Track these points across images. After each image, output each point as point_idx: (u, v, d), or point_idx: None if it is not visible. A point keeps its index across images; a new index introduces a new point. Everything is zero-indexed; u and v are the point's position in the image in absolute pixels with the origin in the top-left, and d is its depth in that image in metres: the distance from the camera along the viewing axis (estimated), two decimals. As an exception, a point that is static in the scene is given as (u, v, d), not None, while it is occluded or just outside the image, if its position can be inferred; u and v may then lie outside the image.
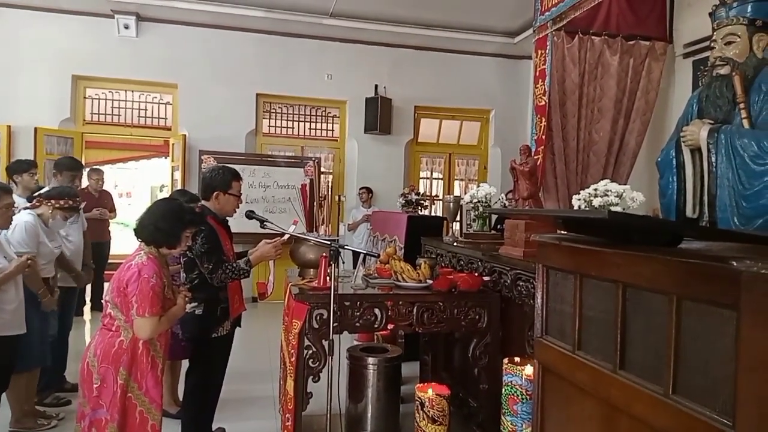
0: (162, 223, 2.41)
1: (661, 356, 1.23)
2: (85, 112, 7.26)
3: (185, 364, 3.16)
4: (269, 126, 7.86)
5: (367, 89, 7.74)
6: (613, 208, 2.64)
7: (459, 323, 2.90)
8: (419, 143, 8.39)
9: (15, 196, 3.28)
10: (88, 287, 6.03)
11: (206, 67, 7.30)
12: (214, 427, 3.24)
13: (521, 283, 2.80)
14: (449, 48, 7.99)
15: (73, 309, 4.26)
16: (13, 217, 3.08)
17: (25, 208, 3.42)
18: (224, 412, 3.40)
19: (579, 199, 2.83)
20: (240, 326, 3.24)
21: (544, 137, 5.85)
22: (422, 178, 8.58)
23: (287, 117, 7.91)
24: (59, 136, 6.90)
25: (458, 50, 8.03)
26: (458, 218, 4.34)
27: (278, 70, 7.52)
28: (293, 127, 7.95)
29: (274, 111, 7.85)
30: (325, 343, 2.59)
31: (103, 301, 2.42)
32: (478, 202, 3.96)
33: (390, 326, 2.86)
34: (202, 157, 6.96)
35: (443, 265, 3.71)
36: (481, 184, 4.09)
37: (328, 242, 2.77)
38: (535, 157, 5.32)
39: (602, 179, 2.96)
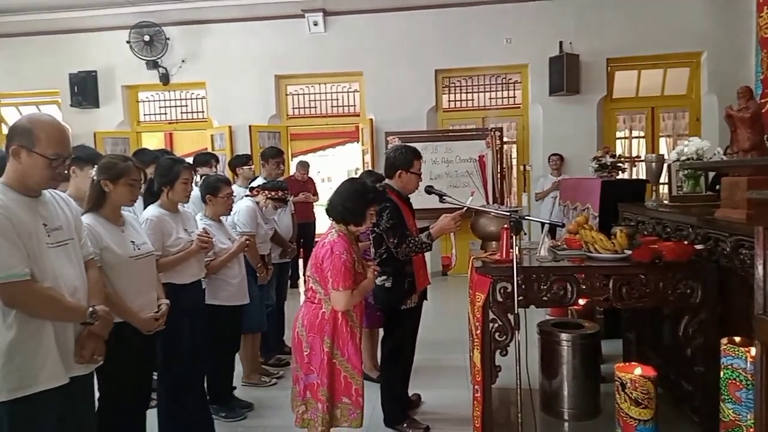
0: (348, 203, 2.55)
1: None
2: (287, 108, 8.09)
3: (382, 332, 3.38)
4: (449, 101, 7.87)
5: (550, 48, 7.25)
6: None
7: (665, 298, 2.57)
8: (614, 100, 7.61)
9: (235, 186, 3.83)
10: (300, 263, 6.77)
11: (387, 51, 7.56)
12: (410, 392, 3.41)
13: (744, 251, 2.37)
14: (644, -15, 7.05)
15: (287, 282, 4.83)
16: (234, 204, 3.57)
17: (246, 196, 3.96)
18: (419, 380, 3.55)
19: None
20: (426, 299, 3.33)
21: (773, 75, 4.85)
22: (619, 138, 7.80)
23: (466, 89, 7.82)
24: (269, 132, 7.82)
25: (655, -14, 7.04)
26: (664, 180, 3.85)
27: (455, 43, 7.44)
28: (473, 99, 7.84)
29: (453, 85, 7.82)
30: (511, 317, 2.52)
31: (305, 276, 2.65)
32: (687, 159, 3.45)
33: (582, 301, 2.66)
34: (388, 139, 7.26)
35: (645, 233, 3.32)
36: (690, 139, 3.54)
37: (509, 213, 2.66)
38: (762, 101, 4.44)
39: None
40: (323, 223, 7.84)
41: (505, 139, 7.44)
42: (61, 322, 1.85)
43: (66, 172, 2.13)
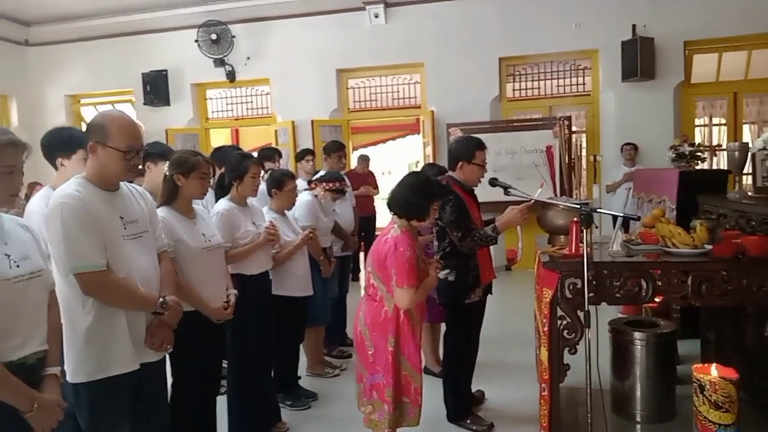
0: (412, 197, 2.50)
1: None
2: (348, 102, 8.15)
3: (444, 327, 3.34)
4: (513, 90, 7.67)
5: (622, 32, 6.89)
6: None
7: (750, 296, 2.40)
8: (692, 85, 7.15)
9: (298, 180, 3.90)
10: (361, 256, 6.83)
11: (448, 41, 7.44)
12: (473, 389, 3.36)
13: None
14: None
15: (349, 275, 4.88)
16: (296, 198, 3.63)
17: (305, 190, 4.02)
18: (483, 376, 3.49)
19: None
20: (491, 293, 3.26)
21: None
22: (698, 126, 7.35)
23: (532, 77, 7.59)
24: (330, 126, 7.91)
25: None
26: (748, 170, 3.57)
27: (520, 30, 7.23)
28: (539, 87, 7.60)
29: (517, 73, 7.62)
30: (581, 314, 2.42)
31: (366, 270, 2.64)
32: (776, 147, 3.18)
33: (658, 298, 2.53)
34: (449, 130, 7.17)
35: (727, 227, 3.11)
36: (779, 125, 3.27)
37: (578, 206, 2.55)
38: None
39: None
40: (384, 216, 7.91)
41: (573, 129, 7.17)
42: (133, 311, 1.94)
43: (140, 166, 2.22)
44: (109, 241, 1.86)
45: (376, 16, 7.57)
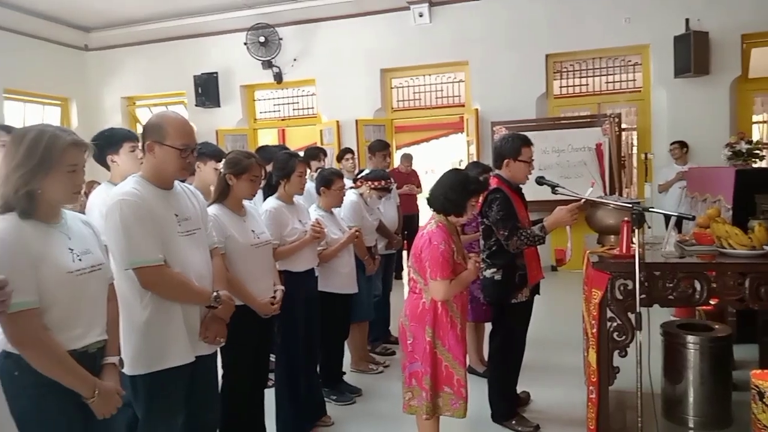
0: (450, 193, 2.53)
1: None
2: (392, 101, 8.18)
3: (489, 326, 3.31)
4: (560, 87, 7.52)
5: (675, 26, 6.66)
6: None
7: (815, 300, 2.29)
8: (750, 80, 6.84)
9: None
10: (404, 254, 6.85)
11: (493, 38, 7.37)
12: (518, 390, 3.33)
13: None
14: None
15: (393, 273, 4.91)
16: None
17: (350, 188, 4.07)
18: (529, 378, 3.45)
19: None
20: (539, 293, 3.22)
21: None
22: (756, 122, 7.05)
23: (580, 74, 7.43)
24: (374, 125, 7.96)
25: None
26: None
27: (568, 26, 7.09)
28: (587, 84, 7.43)
29: (565, 70, 7.47)
30: (631, 316, 2.36)
31: (407, 266, 2.68)
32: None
33: (713, 301, 2.44)
34: (494, 128, 7.09)
35: (789, 227, 2.96)
36: None
37: (630, 205, 2.49)
38: None
39: None
40: (427, 215, 7.92)
41: (623, 126, 6.98)
42: (189, 304, 2.01)
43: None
44: (164, 237, 1.94)
45: (421, 16, 7.57)
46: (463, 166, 4.88)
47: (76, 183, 1.67)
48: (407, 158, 7.43)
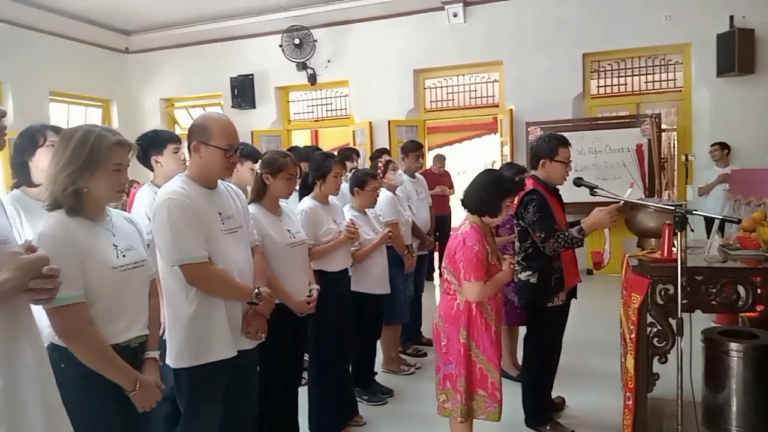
0: (483, 193, 2.51)
1: None
2: (425, 101, 8.17)
3: (522, 330, 3.27)
4: (598, 87, 7.38)
5: (718, 23, 6.45)
6: None
7: None
8: (799, 78, 6.58)
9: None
10: (435, 256, 6.82)
11: (528, 38, 7.28)
12: (553, 395, 3.28)
13: None
14: None
15: (425, 274, 4.90)
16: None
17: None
18: (564, 383, 3.39)
19: None
20: (576, 297, 3.16)
21: None
22: (804, 122, 6.73)
23: (618, 73, 7.27)
24: (407, 126, 7.96)
25: None
26: None
27: (605, 25, 6.94)
28: (626, 84, 7.26)
29: (602, 69, 7.32)
30: (672, 322, 2.30)
31: (440, 268, 2.66)
32: None
33: (759, 307, 2.35)
34: (529, 129, 7.00)
35: (842, 232, 2.84)
36: None
37: (672, 208, 2.43)
38: None
39: None
40: (459, 216, 7.88)
41: (663, 127, 6.79)
42: (231, 300, 2.06)
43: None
44: (209, 235, 1.99)
45: (455, 16, 7.53)
46: (496, 167, 4.83)
47: (121, 182, 1.72)
48: (440, 159, 7.40)
